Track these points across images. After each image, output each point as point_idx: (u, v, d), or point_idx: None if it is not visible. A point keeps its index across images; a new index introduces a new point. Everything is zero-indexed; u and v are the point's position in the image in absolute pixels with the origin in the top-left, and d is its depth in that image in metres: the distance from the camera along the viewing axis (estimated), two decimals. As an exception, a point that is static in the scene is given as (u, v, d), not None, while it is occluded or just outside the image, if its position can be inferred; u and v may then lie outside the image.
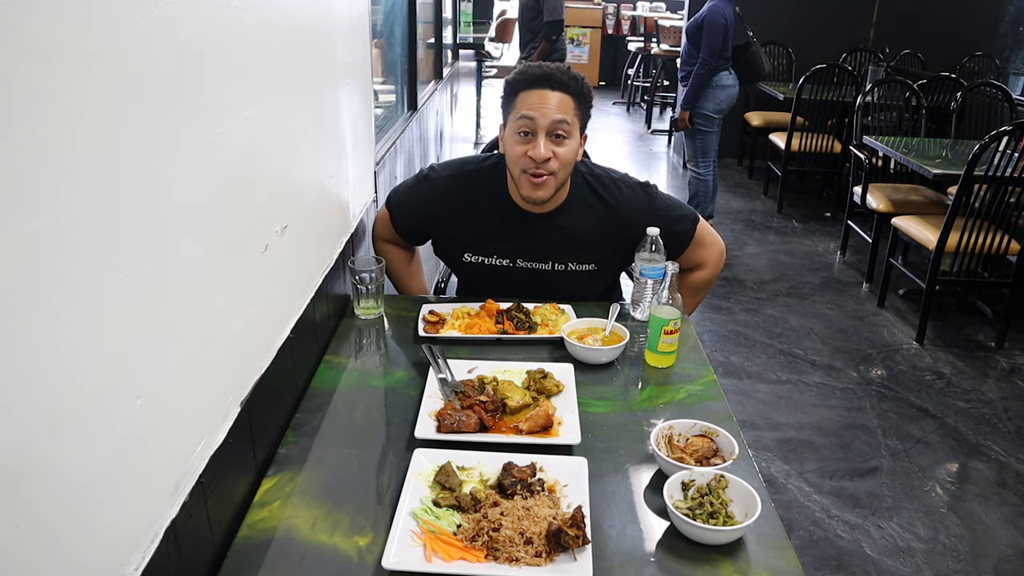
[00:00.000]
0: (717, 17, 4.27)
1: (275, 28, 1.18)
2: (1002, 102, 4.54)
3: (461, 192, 1.76)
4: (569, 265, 1.76)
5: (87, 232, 0.71)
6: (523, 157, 1.60)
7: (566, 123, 1.58)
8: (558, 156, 1.59)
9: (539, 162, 1.58)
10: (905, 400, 3.05)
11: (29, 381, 0.64)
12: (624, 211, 1.73)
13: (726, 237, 4.82)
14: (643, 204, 1.74)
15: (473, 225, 1.76)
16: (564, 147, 1.60)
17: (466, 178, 1.77)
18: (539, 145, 1.57)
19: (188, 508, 0.93)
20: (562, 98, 1.59)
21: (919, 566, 2.18)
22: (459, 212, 1.76)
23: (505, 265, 1.77)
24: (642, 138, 7.76)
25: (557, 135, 1.59)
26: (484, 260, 1.78)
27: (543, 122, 1.57)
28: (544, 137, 1.58)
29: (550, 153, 1.58)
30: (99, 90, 0.71)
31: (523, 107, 1.59)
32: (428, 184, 1.79)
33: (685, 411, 1.38)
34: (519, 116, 1.60)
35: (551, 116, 1.57)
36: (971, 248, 3.36)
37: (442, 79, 4.10)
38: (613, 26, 10.44)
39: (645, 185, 1.78)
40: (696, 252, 1.80)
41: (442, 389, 1.39)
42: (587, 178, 1.75)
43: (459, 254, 1.80)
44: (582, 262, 1.77)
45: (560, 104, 1.58)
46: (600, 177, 1.76)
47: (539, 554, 1.00)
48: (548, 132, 1.58)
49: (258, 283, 1.17)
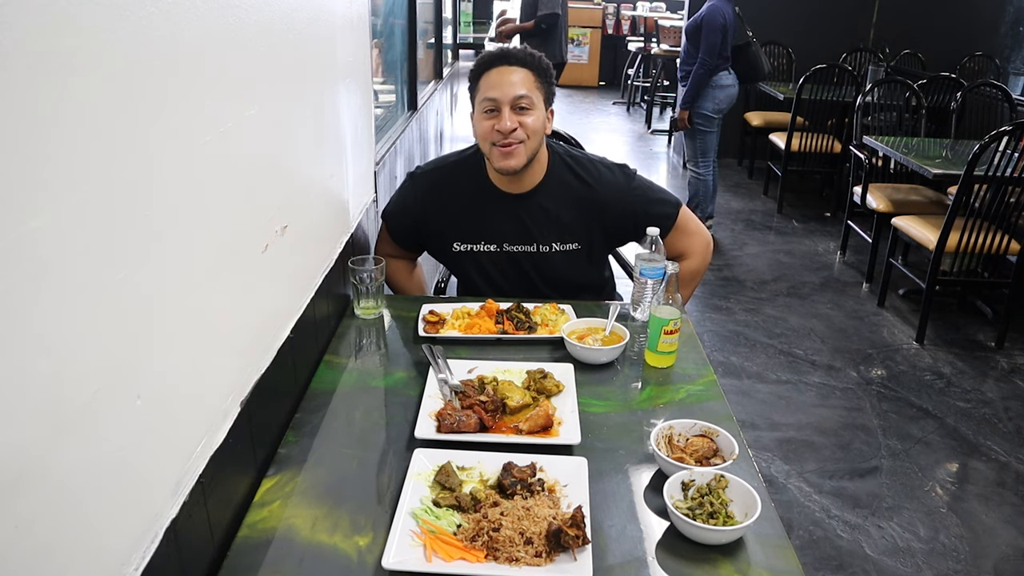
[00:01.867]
0: (716, 17, 4.27)
1: (275, 28, 1.18)
2: (1002, 102, 4.54)
3: (444, 184, 1.83)
4: (553, 245, 1.81)
5: (87, 232, 0.71)
6: (491, 132, 1.67)
7: (527, 96, 1.67)
8: (524, 125, 1.67)
9: (506, 133, 1.65)
10: (905, 400, 3.05)
11: (29, 381, 0.64)
12: (601, 190, 1.79)
13: (726, 237, 4.82)
14: (620, 184, 1.80)
15: (459, 214, 1.82)
16: (529, 117, 1.67)
17: (448, 170, 1.84)
18: (504, 117, 1.65)
19: (188, 508, 0.93)
20: (522, 73, 1.68)
21: (919, 566, 2.18)
22: (445, 203, 1.82)
23: (493, 251, 1.83)
24: (642, 138, 7.75)
25: (521, 108, 1.67)
26: (472, 247, 1.83)
27: (505, 98, 1.66)
28: (508, 110, 1.66)
29: (516, 123, 1.66)
30: (99, 90, 0.71)
31: (485, 88, 1.69)
32: (413, 183, 1.86)
33: (685, 411, 1.38)
34: (483, 98, 1.69)
35: (512, 92, 1.66)
36: (971, 248, 3.36)
37: (442, 79, 4.10)
38: (613, 26, 10.44)
39: (623, 167, 1.84)
40: (680, 239, 1.84)
41: (442, 389, 1.39)
42: (564, 158, 1.81)
43: (449, 244, 1.84)
44: (565, 242, 1.82)
45: (521, 80, 1.68)
46: (577, 158, 1.83)
47: (539, 554, 1.00)
48: (512, 106, 1.66)
49: (258, 283, 1.17)
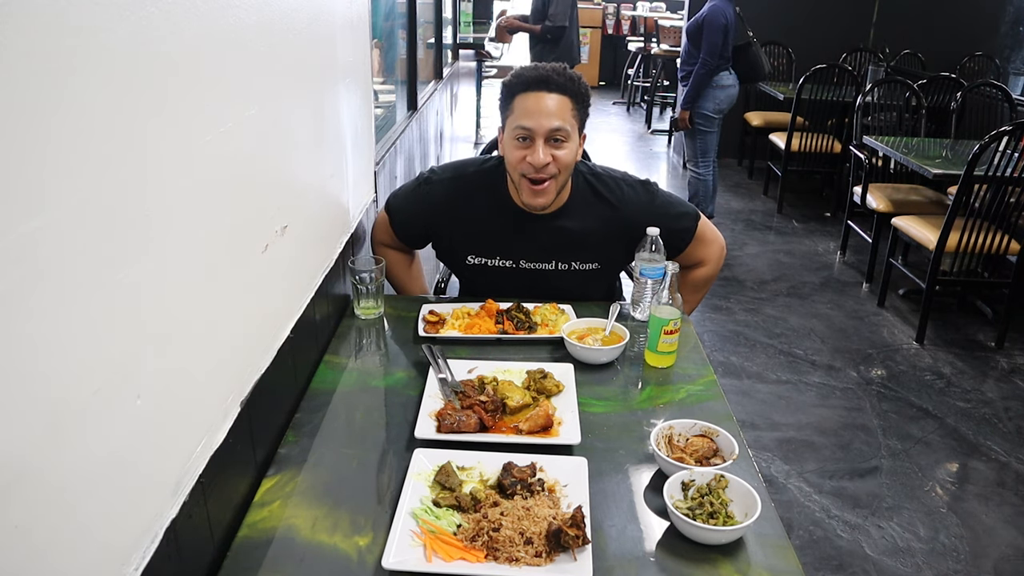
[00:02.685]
0: (717, 17, 4.27)
1: (275, 28, 1.18)
2: (1002, 102, 4.54)
3: (462, 195, 1.76)
4: (572, 264, 1.77)
5: (86, 232, 0.70)
6: (522, 162, 1.60)
7: (563, 129, 1.58)
8: (557, 160, 1.59)
9: (538, 168, 1.58)
10: (905, 400, 3.05)
11: (29, 381, 0.64)
12: (626, 210, 1.73)
13: (726, 237, 4.77)
14: (645, 202, 1.74)
15: (475, 227, 1.76)
16: (563, 150, 1.60)
17: (466, 180, 1.77)
18: (538, 151, 1.57)
19: (188, 508, 0.93)
20: (559, 101, 1.58)
21: (919, 566, 2.18)
22: (461, 215, 1.76)
23: (508, 266, 1.78)
24: (642, 138, 7.75)
25: (556, 140, 1.59)
26: (487, 262, 1.78)
27: (540, 129, 1.57)
28: (542, 143, 1.58)
29: (549, 158, 1.58)
30: (99, 90, 0.71)
31: (520, 114, 1.59)
32: (429, 187, 1.78)
33: (685, 411, 1.38)
34: (516, 124, 1.60)
35: (548, 124, 1.57)
36: (971, 248, 3.36)
37: (442, 79, 4.09)
38: (613, 26, 10.44)
39: (646, 183, 1.78)
40: (698, 249, 1.81)
41: (442, 389, 1.39)
42: (588, 178, 1.75)
43: (462, 257, 1.79)
44: (585, 261, 1.77)
45: (558, 108, 1.58)
46: (600, 176, 1.76)
47: (539, 554, 1.00)
48: (546, 139, 1.58)
49: (258, 283, 1.17)
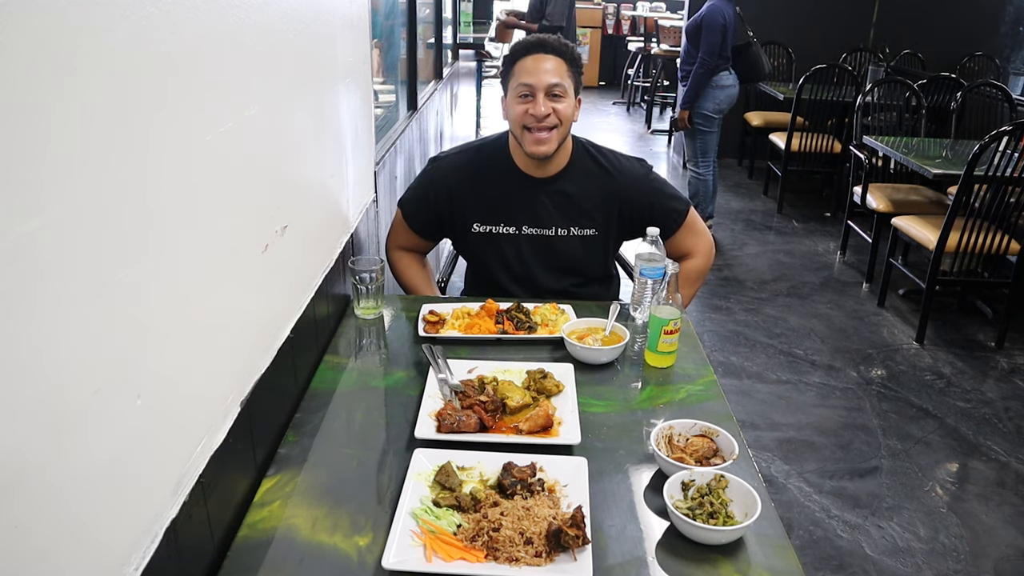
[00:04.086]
0: (716, 17, 4.27)
1: (275, 28, 1.18)
2: (1002, 102, 4.54)
3: (469, 167, 1.89)
4: (572, 230, 1.87)
5: (86, 232, 0.71)
6: (525, 115, 1.75)
7: (561, 84, 1.75)
8: (557, 112, 1.75)
9: (540, 118, 1.73)
10: (905, 400, 3.05)
11: (29, 381, 0.64)
12: (621, 178, 1.87)
13: (726, 237, 4.82)
14: (640, 175, 1.89)
15: (482, 195, 1.87)
16: (562, 104, 1.75)
17: (472, 153, 1.91)
18: (539, 103, 1.73)
19: (188, 508, 0.93)
20: (556, 62, 1.76)
21: (919, 566, 2.18)
22: (468, 186, 1.87)
23: (511, 233, 1.88)
24: (642, 138, 7.75)
25: (554, 95, 1.75)
26: (492, 229, 1.88)
27: (540, 84, 1.74)
28: (543, 96, 1.73)
29: (550, 109, 1.74)
30: (99, 90, 0.71)
31: (521, 73, 1.76)
32: (436, 166, 1.92)
33: (685, 411, 1.38)
34: (519, 83, 1.76)
35: (547, 79, 1.74)
36: (971, 248, 3.36)
37: (442, 79, 4.09)
38: (613, 26, 10.44)
39: (641, 160, 1.93)
40: (687, 238, 1.92)
41: (442, 389, 1.39)
42: (587, 147, 1.90)
43: (469, 225, 1.88)
44: (583, 227, 1.87)
45: (555, 68, 1.75)
46: (600, 148, 1.92)
47: (539, 554, 1.00)
48: (546, 93, 1.74)
49: (258, 283, 1.17)
